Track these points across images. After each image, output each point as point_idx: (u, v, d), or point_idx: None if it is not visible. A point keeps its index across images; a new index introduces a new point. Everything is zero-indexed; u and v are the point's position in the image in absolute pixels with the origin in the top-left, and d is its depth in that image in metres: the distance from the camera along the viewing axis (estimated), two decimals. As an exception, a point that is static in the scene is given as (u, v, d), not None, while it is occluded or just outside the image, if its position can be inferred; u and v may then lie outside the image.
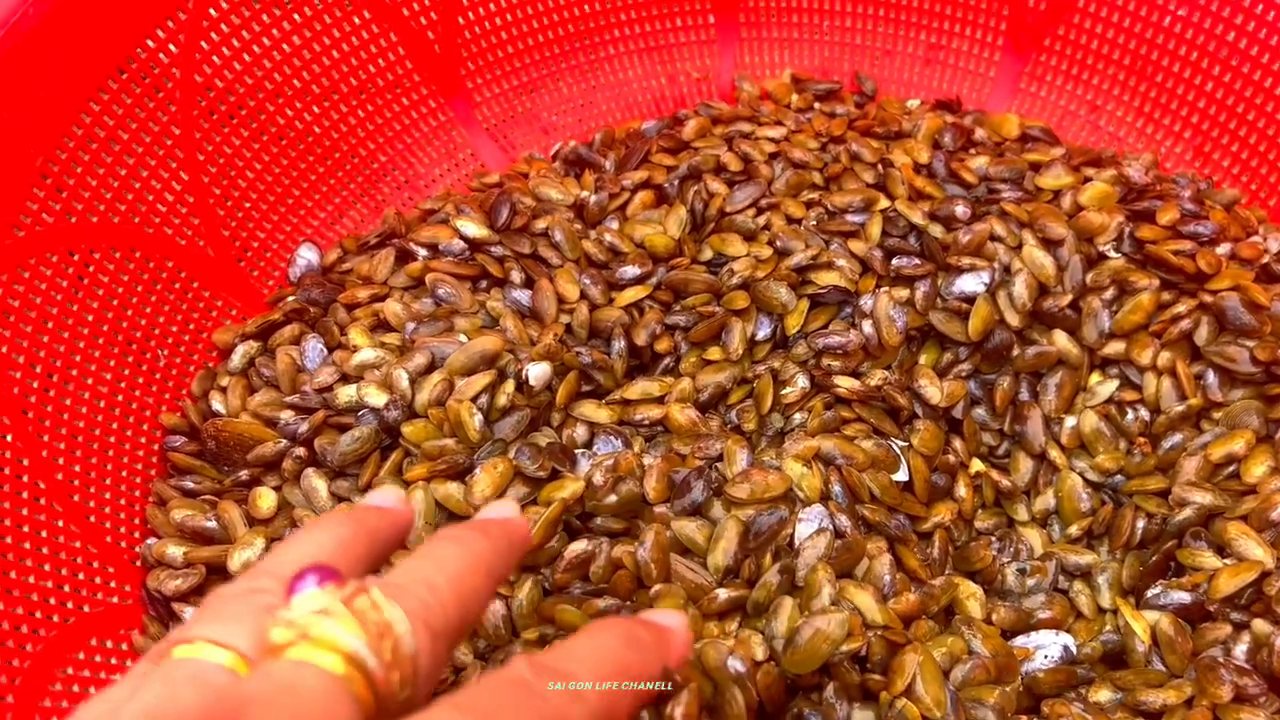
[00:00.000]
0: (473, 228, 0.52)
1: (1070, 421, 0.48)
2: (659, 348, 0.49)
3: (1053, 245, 0.50)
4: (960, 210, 0.51)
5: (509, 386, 0.45)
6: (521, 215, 0.54)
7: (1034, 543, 0.46)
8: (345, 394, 0.46)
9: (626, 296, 0.50)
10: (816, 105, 0.61)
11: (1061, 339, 0.49)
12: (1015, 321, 0.49)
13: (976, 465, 0.47)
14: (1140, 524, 0.45)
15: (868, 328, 0.48)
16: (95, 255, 0.45)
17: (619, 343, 0.48)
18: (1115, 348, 0.49)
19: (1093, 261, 0.50)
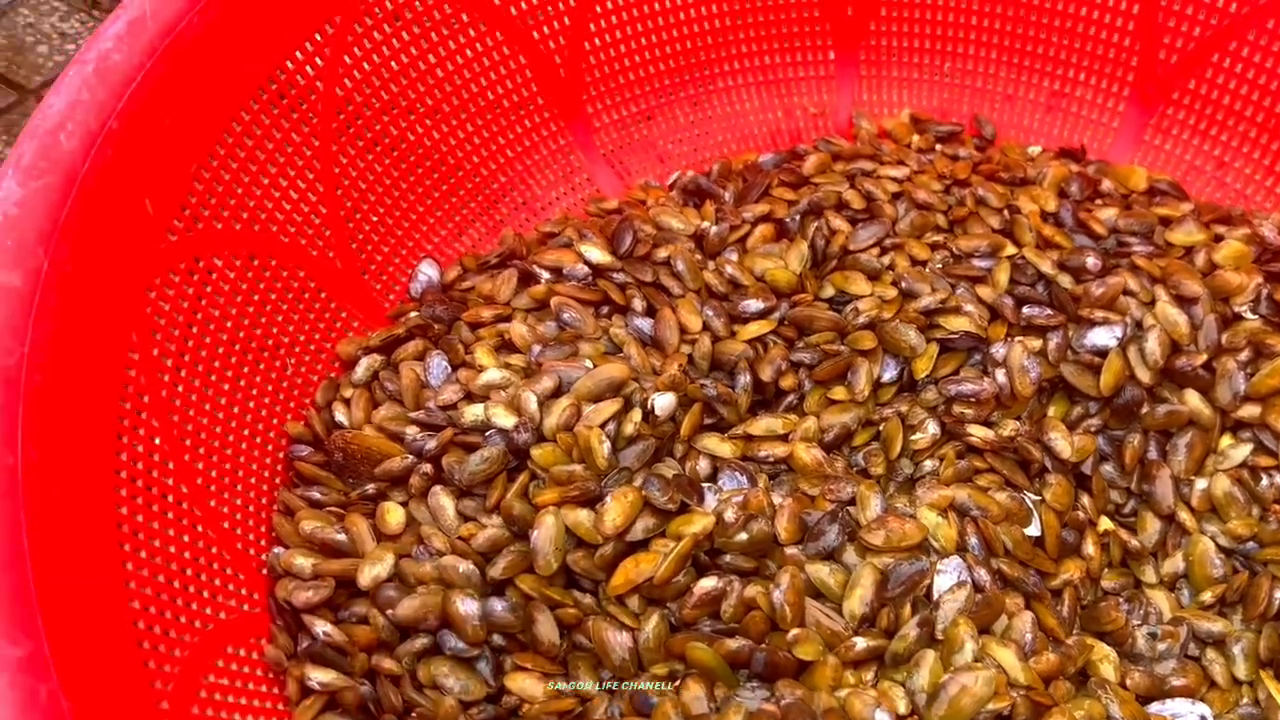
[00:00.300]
0: (596, 253, 0.52)
1: (1201, 484, 0.47)
2: (784, 384, 0.48)
3: (1187, 303, 0.49)
4: (1091, 262, 0.51)
5: (635, 415, 0.45)
6: (644, 243, 0.54)
7: (1162, 606, 0.45)
8: (471, 413, 0.46)
9: (750, 330, 0.49)
10: (938, 147, 0.61)
11: (1194, 399, 0.48)
12: (1147, 378, 0.48)
13: (1105, 523, 0.46)
14: (1278, 594, 0.43)
15: (1000, 376, 0.47)
16: (236, 262, 0.45)
17: (744, 377, 0.48)
18: (1250, 411, 0.48)
19: (1227, 321, 0.49)
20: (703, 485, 0.44)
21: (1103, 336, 0.48)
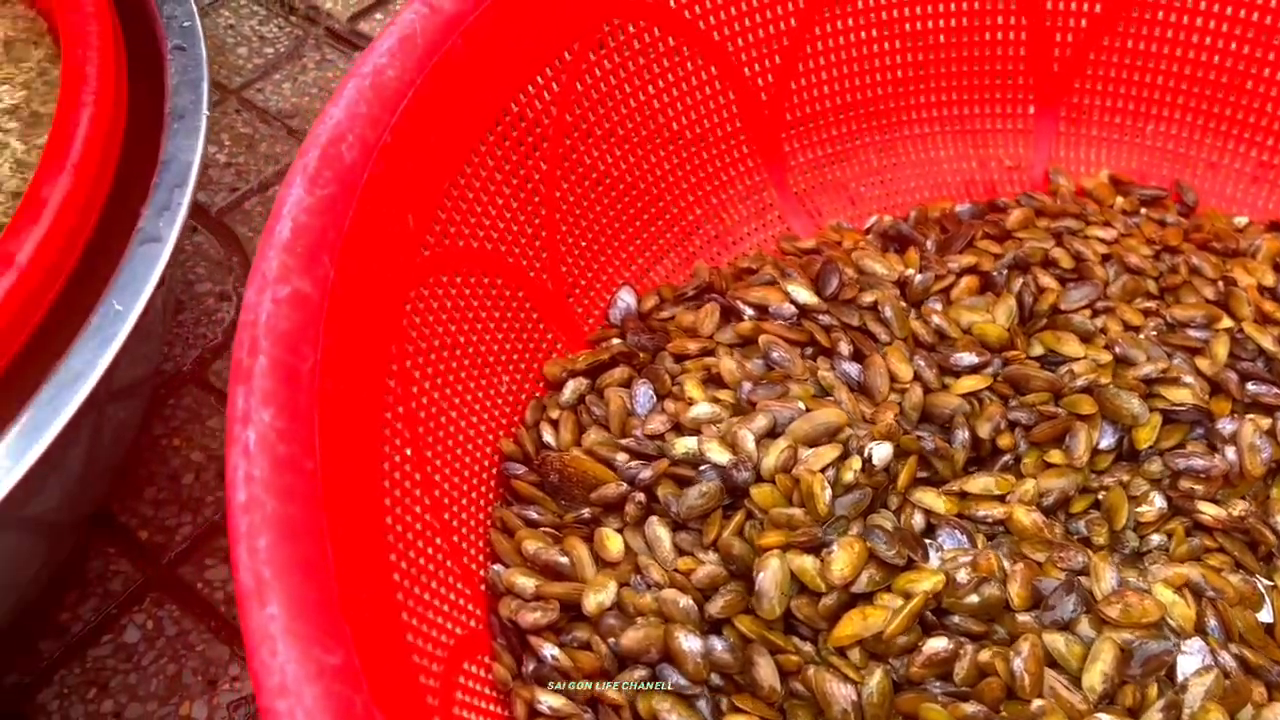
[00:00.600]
0: (804, 294, 0.52)
1: None
2: (1001, 443, 0.47)
3: None
4: (1317, 342, 0.49)
5: (855, 463, 0.45)
6: (849, 287, 0.53)
7: (1393, 708, 0.43)
8: (683, 445, 0.46)
9: (965, 385, 0.49)
10: (1143, 210, 0.60)
11: None
12: (1378, 466, 0.46)
13: (1332, 615, 0.45)
14: None
15: (1230, 454, 0.46)
16: (471, 279, 0.46)
17: (962, 433, 0.47)
18: None
19: None
20: (925, 541, 0.43)
21: (1333, 420, 0.47)
